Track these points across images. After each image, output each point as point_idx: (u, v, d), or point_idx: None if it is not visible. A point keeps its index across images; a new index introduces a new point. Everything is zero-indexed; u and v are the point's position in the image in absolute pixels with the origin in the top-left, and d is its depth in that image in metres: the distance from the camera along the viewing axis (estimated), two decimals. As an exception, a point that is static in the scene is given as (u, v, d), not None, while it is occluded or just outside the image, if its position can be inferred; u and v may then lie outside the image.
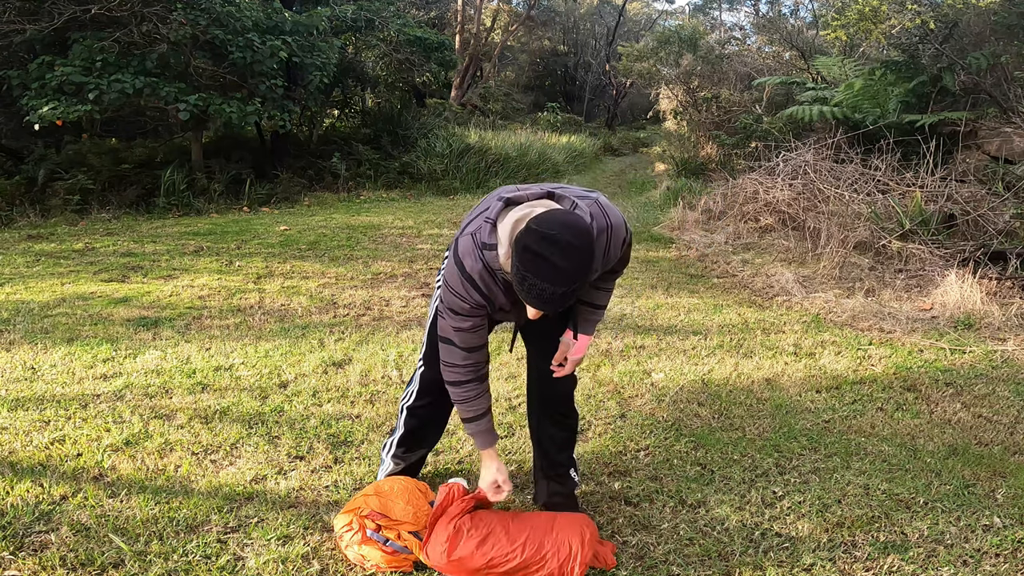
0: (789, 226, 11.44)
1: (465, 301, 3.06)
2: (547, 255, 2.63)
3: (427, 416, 3.91)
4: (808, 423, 5.17)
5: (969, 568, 3.54)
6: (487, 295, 3.06)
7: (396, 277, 8.88)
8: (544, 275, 2.65)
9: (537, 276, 2.65)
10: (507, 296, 3.08)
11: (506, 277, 2.98)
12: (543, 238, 2.64)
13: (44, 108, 11.84)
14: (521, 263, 2.69)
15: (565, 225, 2.67)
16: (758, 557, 3.57)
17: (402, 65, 20.13)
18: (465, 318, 3.12)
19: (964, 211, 10.23)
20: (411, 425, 3.92)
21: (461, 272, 3.03)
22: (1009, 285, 8.28)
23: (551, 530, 3.40)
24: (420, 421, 3.91)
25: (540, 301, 2.72)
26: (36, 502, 3.77)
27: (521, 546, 3.29)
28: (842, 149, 13.08)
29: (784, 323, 7.50)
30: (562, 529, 3.41)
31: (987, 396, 5.76)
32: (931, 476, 4.44)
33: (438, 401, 3.83)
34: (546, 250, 2.63)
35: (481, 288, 3.04)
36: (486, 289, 3.04)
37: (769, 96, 21.62)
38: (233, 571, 3.31)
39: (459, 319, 3.13)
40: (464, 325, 3.14)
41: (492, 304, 3.11)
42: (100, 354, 5.98)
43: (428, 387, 3.82)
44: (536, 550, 3.28)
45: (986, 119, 13.66)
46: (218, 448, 4.48)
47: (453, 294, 3.08)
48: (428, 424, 3.96)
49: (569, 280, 2.67)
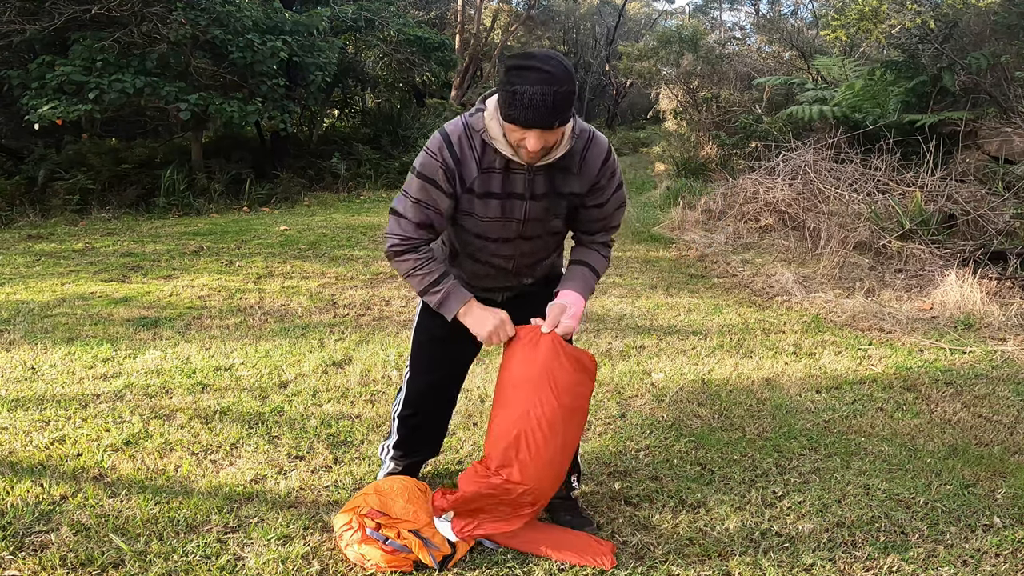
0: (789, 226, 11.44)
1: (435, 159, 3.11)
2: (531, 64, 2.77)
3: (418, 425, 3.90)
4: (808, 423, 5.17)
5: (969, 568, 3.54)
6: (458, 159, 3.11)
7: (396, 277, 8.86)
8: (531, 80, 2.75)
9: (525, 83, 2.75)
10: (480, 170, 3.13)
11: (487, 139, 3.07)
12: (525, 56, 2.82)
13: (44, 108, 11.86)
14: (508, 80, 2.80)
15: (544, 51, 2.84)
16: (758, 557, 3.57)
17: (402, 65, 20.15)
18: (426, 184, 3.14)
19: (964, 211, 10.23)
20: (403, 434, 3.93)
21: (440, 133, 3.14)
22: (1009, 285, 8.27)
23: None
24: (411, 431, 3.90)
25: (533, 110, 2.78)
26: (36, 502, 3.77)
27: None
28: (842, 149, 13.08)
29: (784, 323, 7.50)
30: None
31: (987, 396, 5.76)
32: (931, 476, 4.44)
33: (429, 412, 3.84)
34: (529, 60, 2.79)
35: (455, 150, 3.11)
36: (459, 152, 3.11)
37: (769, 96, 21.61)
38: (233, 571, 3.31)
39: (419, 185, 3.15)
40: (423, 197, 3.16)
41: (461, 177, 3.14)
42: (100, 354, 5.98)
43: (415, 397, 3.83)
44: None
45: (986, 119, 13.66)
46: (218, 448, 4.48)
47: (426, 153, 3.14)
48: (421, 433, 3.95)
49: (557, 81, 2.77)
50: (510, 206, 3.19)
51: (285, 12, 15.20)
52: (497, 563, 3.43)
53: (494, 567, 3.40)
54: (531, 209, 3.21)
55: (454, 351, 3.68)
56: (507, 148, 3.02)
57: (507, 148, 3.02)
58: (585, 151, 3.19)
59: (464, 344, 3.54)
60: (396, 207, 3.24)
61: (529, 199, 3.19)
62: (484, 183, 3.14)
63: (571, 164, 3.17)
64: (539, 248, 3.44)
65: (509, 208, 3.20)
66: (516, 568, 3.40)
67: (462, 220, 3.28)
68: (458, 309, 3.23)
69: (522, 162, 3.04)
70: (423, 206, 3.16)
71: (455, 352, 3.70)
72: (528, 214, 3.22)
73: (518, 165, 3.09)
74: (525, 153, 2.95)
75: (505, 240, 3.33)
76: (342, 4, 18.93)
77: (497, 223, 3.25)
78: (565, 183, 3.21)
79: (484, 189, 3.15)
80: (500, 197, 3.17)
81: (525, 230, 3.29)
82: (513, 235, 3.29)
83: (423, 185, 3.14)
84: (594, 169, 3.23)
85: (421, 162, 3.15)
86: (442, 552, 3.38)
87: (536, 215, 3.25)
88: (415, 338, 3.81)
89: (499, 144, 3.03)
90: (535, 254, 3.47)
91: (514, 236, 3.30)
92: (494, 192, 3.16)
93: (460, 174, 3.12)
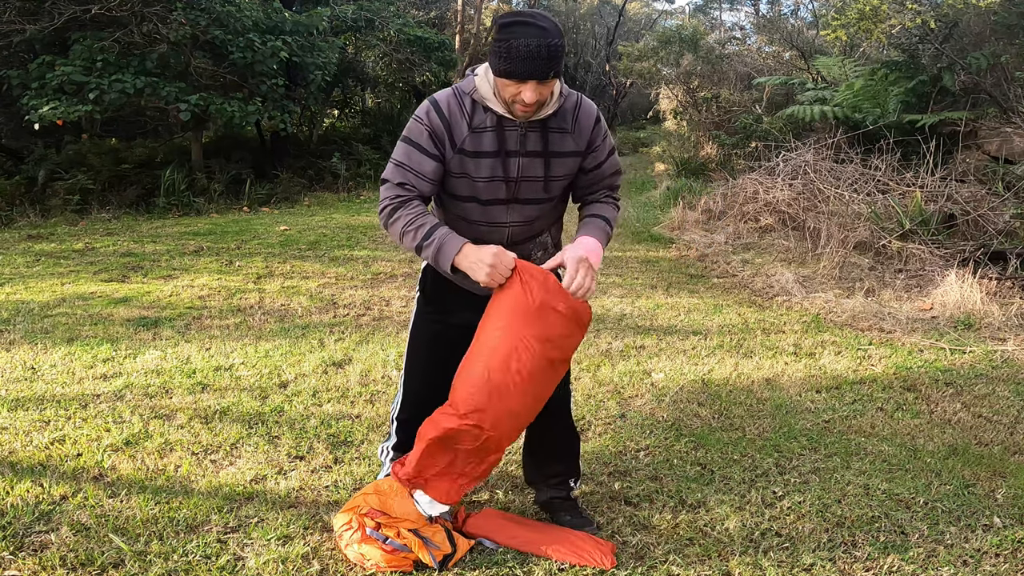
0: (789, 226, 11.44)
1: (420, 123, 3.19)
2: (524, 20, 2.92)
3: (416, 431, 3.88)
4: (808, 423, 5.17)
5: (969, 568, 3.54)
6: (447, 121, 3.17)
7: (396, 277, 8.88)
8: (527, 34, 2.88)
9: (520, 36, 2.88)
10: (470, 129, 3.18)
11: (477, 98, 3.17)
12: (516, 13, 2.98)
13: (44, 108, 11.87)
14: (502, 36, 2.93)
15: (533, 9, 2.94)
16: (758, 557, 3.57)
17: (402, 65, 20.15)
18: (411, 148, 3.20)
19: (964, 211, 10.23)
20: (402, 437, 3.91)
21: (428, 100, 3.23)
22: (1009, 285, 8.28)
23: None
24: (409, 436, 3.88)
25: (529, 61, 2.89)
26: (36, 502, 3.77)
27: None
28: (842, 149, 13.08)
29: (784, 323, 7.50)
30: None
31: (987, 396, 5.76)
32: (931, 476, 4.44)
33: (427, 414, 3.82)
34: (521, 17, 2.93)
35: (443, 112, 3.17)
36: (448, 114, 3.17)
37: (769, 96, 21.60)
38: (233, 571, 3.31)
39: (404, 149, 3.21)
40: (405, 160, 3.20)
41: (452, 138, 3.18)
42: (100, 354, 5.98)
43: (412, 399, 3.84)
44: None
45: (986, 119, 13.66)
46: (218, 448, 4.48)
47: (413, 119, 3.23)
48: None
49: (549, 34, 2.90)
50: (503, 164, 3.23)
51: (285, 12, 15.21)
52: (497, 563, 3.43)
53: (494, 567, 3.40)
54: (524, 167, 3.25)
55: (451, 352, 3.64)
56: (499, 105, 3.13)
57: (499, 105, 3.13)
58: (576, 111, 3.30)
59: (462, 344, 3.53)
60: (384, 175, 3.27)
61: (522, 156, 3.23)
62: (475, 142, 3.19)
63: (564, 124, 3.27)
64: (533, 216, 3.43)
65: (502, 166, 3.23)
66: (516, 568, 3.40)
67: (454, 186, 3.30)
68: (454, 256, 3.11)
69: (515, 118, 3.13)
70: (405, 168, 3.20)
71: (452, 353, 3.67)
72: (521, 171, 3.26)
73: (510, 122, 3.17)
74: (520, 108, 3.06)
75: (499, 202, 3.34)
76: (342, 4, 18.94)
77: (490, 184, 3.27)
78: (562, 143, 3.29)
79: (475, 148, 3.19)
80: (492, 155, 3.21)
81: (519, 191, 3.31)
82: (506, 196, 3.30)
83: (408, 149, 3.21)
84: (588, 128, 3.34)
85: (408, 128, 3.23)
86: (442, 551, 3.38)
87: (529, 173, 3.28)
88: (411, 341, 3.85)
89: (490, 102, 3.13)
90: (529, 224, 3.46)
91: (507, 197, 3.31)
92: (486, 151, 3.20)
93: (450, 135, 3.18)
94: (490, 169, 3.22)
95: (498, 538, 3.57)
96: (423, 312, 3.70)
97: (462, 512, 3.76)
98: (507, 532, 3.61)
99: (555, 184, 3.37)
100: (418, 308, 3.76)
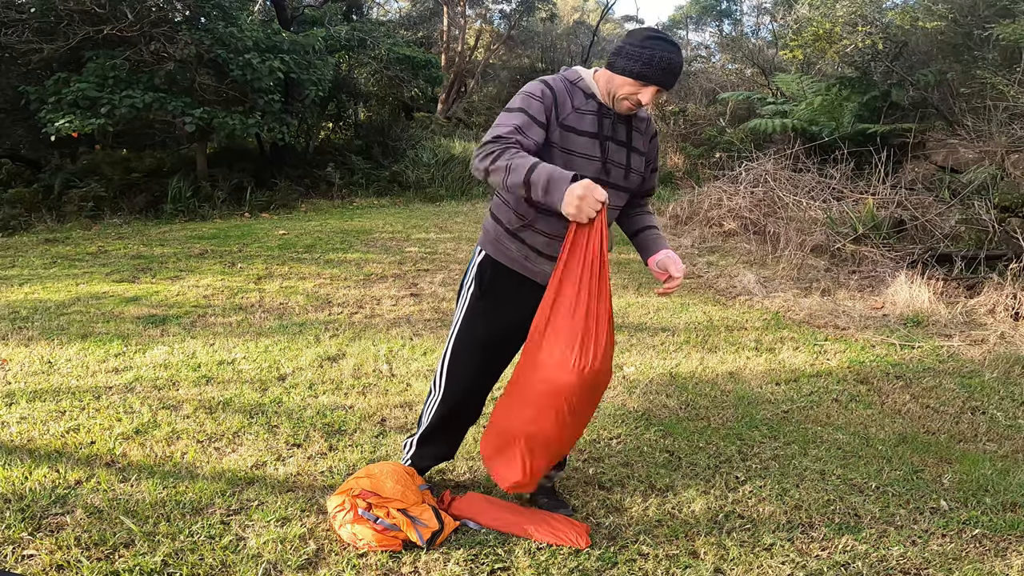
0: (751, 231, 11.49)
1: (534, 97, 3.24)
2: (665, 36, 3.15)
3: (455, 426, 3.80)
4: (768, 413, 5.19)
5: (917, 548, 3.56)
6: (556, 97, 3.26)
7: (387, 278, 8.86)
8: (668, 48, 3.10)
9: (663, 50, 3.08)
10: (573, 109, 3.28)
11: (582, 87, 3.31)
12: (655, 30, 3.21)
13: (60, 121, 11.82)
14: (646, 45, 3.10)
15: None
16: (721, 537, 3.58)
17: (392, 81, 20.11)
18: (529, 98, 3.24)
19: (913, 217, 10.30)
20: (435, 435, 3.79)
21: (539, 80, 3.32)
22: (955, 285, 8.33)
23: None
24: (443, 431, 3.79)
25: (666, 72, 3.11)
26: (53, 486, 3.75)
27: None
28: (800, 159, 13.14)
29: (746, 321, 7.52)
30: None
31: (934, 388, 5.79)
32: (882, 462, 4.46)
33: (469, 415, 3.75)
34: (662, 34, 3.16)
35: (554, 89, 3.28)
36: (556, 92, 3.27)
37: (732, 110, 21.70)
38: (235, 550, 3.31)
39: (518, 113, 3.21)
40: (522, 105, 3.23)
41: (557, 111, 3.26)
42: (112, 349, 5.95)
43: (453, 405, 3.66)
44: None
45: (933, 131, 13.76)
46: (221, 436, 4.47)
47: (526, 94, 3.28)
48: (451, 433, 3.84)
49: (680, 57, 3.16)
50: (599, 145, 3.30)
51: (283, 32, 15.17)
52: (480, 543, 3.43)
53: (477, 546, 3.40)
54: (612, 151, 3.33)
55: (498, 356, 3.60)
56: (603, 97, 3.29)
57: (603, 97, 3.29)
58: (647, 120, 3.50)
59: (510, 344, 3.54)
60: (486, 138, 3.16)
61: (613, 142, 3.33)
62: (576, 120, 3.26)
63: (641, 125, 3.45)
64: (612, 203, 3.38)
65: (594, 146, 3.29)
66: (498, 547, 3.40)
67: (552, 158, 3.23)
68: (566, 183, 2.89)
69: (619, 111, 3.29)
70: (513, 127, 3.12)
71: (500, 356, 3.61)
72: (609, 154, 3.32)
73: (607, 111, 3.30)
74: (628, 105, 3.22)
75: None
76: (336, 25, 18.91)
77: (583, 160, 3.28)
78: (638, 140, 3.44)
79: (574, 125, 3.26)
80: (588, 135, 3.27)
81: (607, 173, 3.35)
82: (594, 174, 3.27)
83: (517, 114, 3.20)
84: (650, 135, 3.54)
85: (518, 99, 3.28)
86: (430, 528, 3.38)
87: (616, 159, 3.35)
88: (457, 347, 3.57)
89: (596, 92, 3.30)
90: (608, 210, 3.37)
91: (595, 176, 3.26)
92: (584, 130, 3.27)
93: (557, 110, 3.25)
94: (586, 147, 3.27)
95: (481, 520, 3.57)
96: (474, 308, 3.50)
97: (447, 495, 3.76)
98: (490, 514, 3.62)
99: (632, 176, 3.43)
100: (470, 304, 3.53)
